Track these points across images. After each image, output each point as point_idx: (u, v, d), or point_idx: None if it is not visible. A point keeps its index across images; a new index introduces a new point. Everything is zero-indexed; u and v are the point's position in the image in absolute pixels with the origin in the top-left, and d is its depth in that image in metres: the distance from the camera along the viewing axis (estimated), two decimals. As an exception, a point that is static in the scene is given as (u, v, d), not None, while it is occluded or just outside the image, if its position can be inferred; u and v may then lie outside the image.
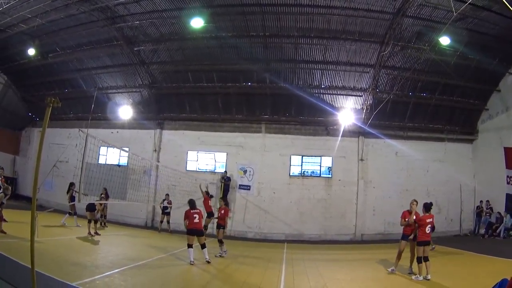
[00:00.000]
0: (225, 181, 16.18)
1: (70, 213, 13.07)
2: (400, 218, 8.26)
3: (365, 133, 16.35)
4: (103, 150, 17.89)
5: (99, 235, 11.49)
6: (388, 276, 7.86)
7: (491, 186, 15.06)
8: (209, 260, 8.46)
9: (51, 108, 4.29)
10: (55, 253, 7.52)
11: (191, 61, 16.19)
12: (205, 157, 17.55)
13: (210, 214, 13.03)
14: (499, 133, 14.94)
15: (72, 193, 12.72)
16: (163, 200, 15.27)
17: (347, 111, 16.02)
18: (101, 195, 12.97)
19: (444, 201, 15.76)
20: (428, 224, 7.41)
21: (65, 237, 10.62)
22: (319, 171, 16.85)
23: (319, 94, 16.40)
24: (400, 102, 16.17)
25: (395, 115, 16.50)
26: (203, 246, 8.54)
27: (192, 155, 17.64)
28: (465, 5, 9.93)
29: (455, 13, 10.14)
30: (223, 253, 9.80)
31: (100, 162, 17.55)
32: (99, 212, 13.68)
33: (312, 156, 16.92)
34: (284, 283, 7.06)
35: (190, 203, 8.82)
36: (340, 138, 16.35)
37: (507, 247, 11.03)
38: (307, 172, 16.90)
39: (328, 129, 16.80)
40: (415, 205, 8.01)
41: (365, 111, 15.98)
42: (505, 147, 14.39)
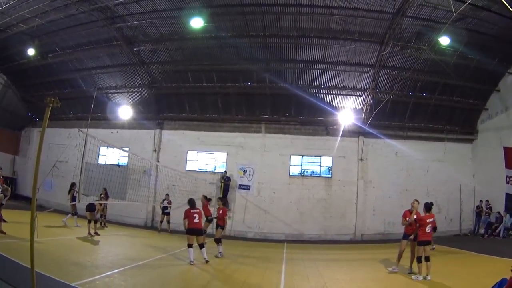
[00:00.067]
0: (225, 181, 16.20)
1: (73, 214, 13.07)
2: (401, 217, 8.33)
3: (365, 133, 16.36)
4: (103, 150, 17.88)
5: (99, 235, 11.48)
6: (388, 276, 7.87)
7: (491, 186, 15.08)
8: (208, 259, 8.46)
9: (50, 108, 4.29)
10: (55, 253, 7.51)
11: (191, 61, 16.20)
12: (205, 157, 17.55)
13: (209, 219, 11.89)
14: (499, 133, 14.97)
15: (73, 193, 12.71)
16: (163, 200, 15.26)
17: (347, 111, 16.02)
18: (101, 195, 12.95)
19: (444, 201, 15.77)
20: (428, 224, 7.42)
21: (65, 237, 10.61)
22: (319, 171, 16.86)
23: (318, 94, 16.41)
24: (399, 102, 16.19)
25: (394, 115, 16.52)
26: (201, 246, 8.55)
27: (192, 155, 17.64)
28: (464, 5, 9.95)
29: (454, 13, 10.16)
30: (219, 253, 9.61)
31: (100, 162, 17.54)
32: (99, 212, 13.67)
33: (312, 156, 16.93)
34: (284, 283, 7.06)
35: (190, 203, 8.80)
36: (340, 138, 16.35)
37: (506, 247, 11.03)
38: (307, 172, 16.91)
39: (328, 129, 16.81)
40: (416, 204, 8.04)
41: (364, 111, 15.99)
42: (504, 147, 14.41)
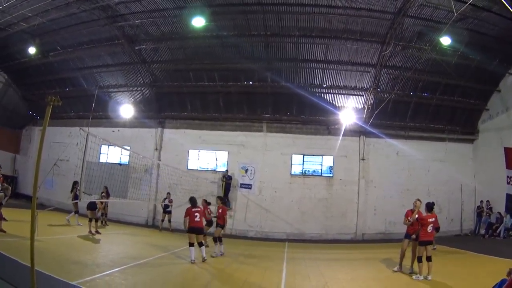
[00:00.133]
0: (227, 180, 16.22)
1: (76, 212, 13.08)
2: (402, 217, 8.35)
3: (366, 133, 16.35)
4: (104, 148, 17.88)
5: (100, 233, 11.49)
6: (388, 275, 7.86)
7: (492, 186, 15.06)
8: (206, 257, 8.47)
9: (51, 106, 4.29)
10: (55, 252, 7.52)
11: (192, 60, 16.20)
12: (207, 156, 17.55)
13: (209, 223, 11.28)
14: (500, 133, 14.94)
15: (76, 191, 12.70)
16: (164, 198, 15.27)
17: (348, 111, 16.00)
18: (102, 193, 12.96)
19: (444, 201, 15.75)
20: (430, 223, 7.41)
21: (65, 235, 10.61)
22: (320, 170, 16.86)
23: (320, 93, 16.40)
24: (401, 101, 16.17)
25: (396, 115, 16.51)
26: (200, 244, 8.56)
27: (193, 153, 17.66)
28: (465, 5, 9.92)
29: (455, 14, 10.12)
30: (214, 253, 9.51)
31: (101, 160, 17.51)
32: (100, 210, 13.67)
33: (313, 155, 16.92)
34: (285, 282, 7.06)
35: (191, 201, 8.80)
36: (341, 137, 16.34)
37: (507, 247, 11.01)
38: (308, 171, 16.91)
39: (329, 128, 16.81)
40: (418, 204, 8.04)
41: (366, 110, 15.98)
42: (505, 147, 14.37)
